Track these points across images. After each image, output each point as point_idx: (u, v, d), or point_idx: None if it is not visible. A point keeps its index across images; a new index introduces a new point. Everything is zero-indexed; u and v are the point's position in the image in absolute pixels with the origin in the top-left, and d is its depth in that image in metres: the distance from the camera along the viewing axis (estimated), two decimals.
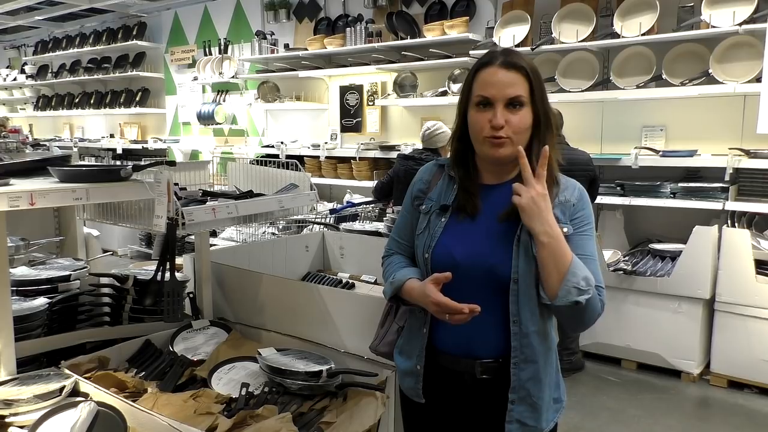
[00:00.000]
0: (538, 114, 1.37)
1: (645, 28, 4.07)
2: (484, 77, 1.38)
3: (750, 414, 3.43)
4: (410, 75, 5.45)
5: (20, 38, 9.80)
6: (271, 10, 6.44)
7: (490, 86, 1.36)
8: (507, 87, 1.34)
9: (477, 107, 1.38)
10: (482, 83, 1.37)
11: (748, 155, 3.76)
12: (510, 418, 1.39)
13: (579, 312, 1.31)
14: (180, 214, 1.72)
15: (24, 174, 1.74)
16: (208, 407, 1.64)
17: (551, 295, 1.31)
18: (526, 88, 1.36)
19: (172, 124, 7.78)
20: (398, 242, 1.59)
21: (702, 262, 3.72)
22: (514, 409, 1.39)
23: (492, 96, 1.35)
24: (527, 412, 1.40)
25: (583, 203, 1.42)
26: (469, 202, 1.43)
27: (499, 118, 1.34)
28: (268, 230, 4.09)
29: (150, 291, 2.07)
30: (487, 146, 1.37)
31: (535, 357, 1.39)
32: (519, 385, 1.39)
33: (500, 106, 1.34)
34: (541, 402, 1.41)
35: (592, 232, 1.42)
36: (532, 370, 1.39)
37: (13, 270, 2.19)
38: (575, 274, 1.29)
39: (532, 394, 1.39)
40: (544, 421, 1.42)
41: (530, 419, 1.40)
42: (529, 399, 1.39)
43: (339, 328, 2.01)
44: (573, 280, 1.29)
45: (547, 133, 1.39)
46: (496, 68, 1.36)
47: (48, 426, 1.46)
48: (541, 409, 1.41)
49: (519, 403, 1.39)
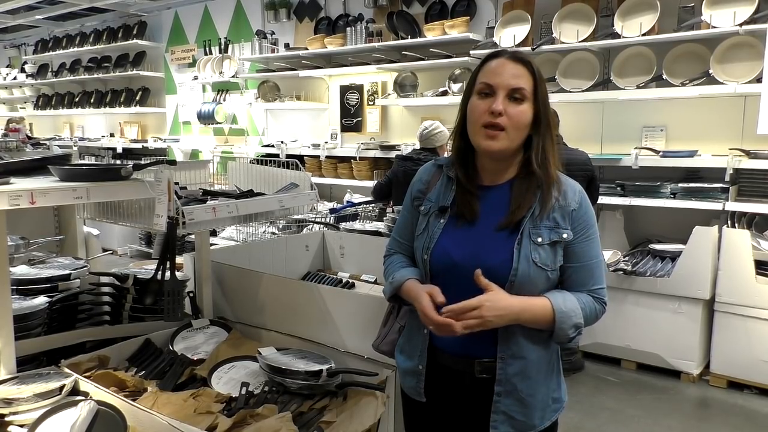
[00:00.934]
0: (539, 113, 1.37)
1: (645, 28, 4.07)
2: (490, 67, 1.39)
3: (749, 414, 3.43)
4: (411, 75, 5.45)
5: (20, 37, 9.79)
6: (271, 10, 6.44)
7: (495, 74, 1.37)
8: (511, 77, 1.35)
9: (479, 95, 1.39)
10: (487, 72, 1.39)
11: (748, 156, 3.76)
12: (496, 409, 1.41)
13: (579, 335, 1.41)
14: (180, 213, 1.72)
15: (24, 173, 1.74)
16: (208, 406, 1.64)
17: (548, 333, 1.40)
18: (530, 83, 1.36)
19: (172, 124, 7.78)
20: (399, 242, 1.59)
21: (702, 262, 3.72)
22: (501, 401, 1.40)
23: (495, 84, 1.36)
24: (515, 406, 1.40)
25: (584, 207, 1.42)
26: (468, 204, 1.43)
27: (499, 103, 1.34)
28: (268, 230, 4.09)
29: (150, 290, 2.08)
30: (481, 136, 1.37)
31: (522, 353, 1.39)
32: (504, 378, 1.40)
33: (502, 95, 1.35)
34: (531, 399, 1.41)
35: (595, 235, 1.42)
36: (519, 366, 1.39)
37: (13, 269, 2.18)
38: (563, 328, 1.36)
39: (519, 389, 1.40)
40: (537, 418, 1.42)
41: (518, 413, 1.41)
42: (516, 394, 1.40)
43: (339, 327, 2.01)
44: (561, 334, 1.37)
45: (547, 133, 1.40)
46: (503, 60, 1.38)
47: (48, 425, 1.46)
48: (531, 406, 1.41)
49: (506, 396, 1.40)
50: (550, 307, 1.35)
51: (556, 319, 1.34)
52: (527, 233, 1.36)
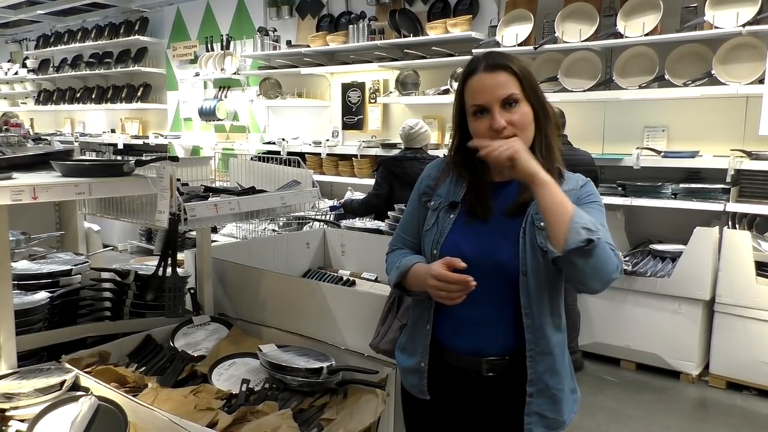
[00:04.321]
0: (535, 107, 1.38)
1: (648, 28, 4.06)
2: (472, 87, 1.38)
3: (749, 415, 3.44)
4: (412, 73, 5.45)
5: (22, 32, 9.79)
6: (273, 7, 6.44)
7: (480, 94, 1.36)
8: (497, 89, 1.34)
9: (475, 116, 1.38)
10: (472, 93, 1.38)
11: (749, 157, 3.75)
12: (529, 411, 1.39)
13: (593, 258, 1.22)
14: (182, 209, 1.72)
15: (26, 168, 1.74)
16: (209, 403, 1.64)
17: (560, 243, 1.23)
18: (516, 84, 1.35)
19: (174, 120, 7.78)
20: (403, 239, 1.58)
21: (702, 263, 3.72)
22: (533, 402, 1.39)
23: (486, 102, 1.35)
24: (547, 405, 1.39)
25: (588, 186, 1.43)
26: (481, 203, 1.42)
27: (498, 120, 1.33)
28: (269, 227, 4.08)
29: (151, 286, 2.08)
30: None
31: (549, 348, 1.38)
32: (536, 377, 1.38)
33: (497, 109, 1.34)
34: (561, 394, 1.40)
35: (599, 207, 1.39)
36: (548, 362, 1.38)
37: (15, 264, 2.18)
38: (581, 216, 1.23)
39: (550, 386, 1.39)
40: (566, 413, 1.42)
41: (550, 411, 1.39)
42: (548, 391, 1.39)
43: (340, 325, 2.02)
44: (580, 221, 1.22)
45: (547, 125, 1.40)
46: (480, 75, 1.37)
47: (48, 420, 1.46)
48: (561, 401, 1.40)
49: (537, 396, 1.39)
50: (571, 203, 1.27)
51: (575, 208, 1.25)
52: (530, 220, 1.36)
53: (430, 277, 1.32)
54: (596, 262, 1.23)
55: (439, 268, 1.31)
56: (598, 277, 1.26)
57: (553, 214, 1.24)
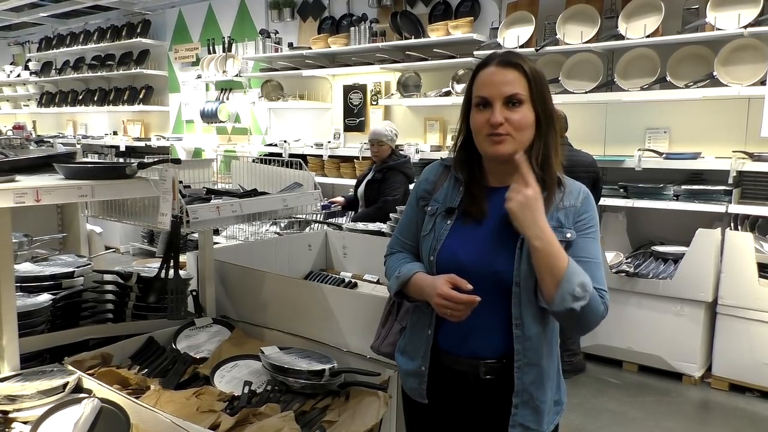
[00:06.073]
0: (539, 113, 1.36)
1: (650, 29, 4.06)
2: (482, 78, 1.38)
3: (751, 417, 3.43)
4: (414, 75, 5.45)
5: (24, 35, 9.81)
6: (275, 9, 6.45)
7: (487, 86, 1.36)
8: (503, 85, 1.34)
9: (477, 108, 1.38)
10: (480, 84, 1.38)
11: (751, 158, 3.75)
12: (513, 423, 1.39)
13: (576, 318, 1.29)
14: (185, 212, 1.73)
15: (28, 170, 1.74)
16: (211, 405, 1.64)
17: (548, 300, 1.29)
18: (524, 86, 1.34)
19: (176, 122, 7.79)
20: (402, 241, 1.58)
21: (704, 264, 3.72)
22: (518, 413, 1.39)
23: (489, 95, 1.35)
24: (530, 416, 1.40)
25: (587, 206, 1.41)
26: (475, 206, 1.42)
27: (497, 115, 1.33)
28: (271, 229, 4.08)
29: (153, 288, 2.07)
30: (487, 143, 1.36)
31: (537, 360, 1.39)
32: (522, 388, 1.39)
33: (498, 105, 1.34)
34: (543, 405, 1.40)
35: (596, 235, 1.40)
36: (534, 374, 1.39)
37: (17, 266, 2.18)
38: (570, 280, 1.26)
39: (534, 398, 1.39)
40: (545, 424, 1.42)
41: (532, 422, 1.40)
42: (532, 402, 1.39)
43: (341, 327, 2.01)
44: (568, 287, 1.26)
45: (549, 133, 1.38)
46: (492, 68, 1.37)
47: (51, 422, 1.46)
48: (543, 412, 1.41)
49: (522, 407, 1.39)
50: (566, 256, 1.29)
51: (568, 267, 1.27)
52: None
53: (437, 296, 1.34)
54: (581, 321, 1.31)
55: (445, 287, 1.33)
56: (580, 329, 1.37)
57: (543, 275, 1.29)
